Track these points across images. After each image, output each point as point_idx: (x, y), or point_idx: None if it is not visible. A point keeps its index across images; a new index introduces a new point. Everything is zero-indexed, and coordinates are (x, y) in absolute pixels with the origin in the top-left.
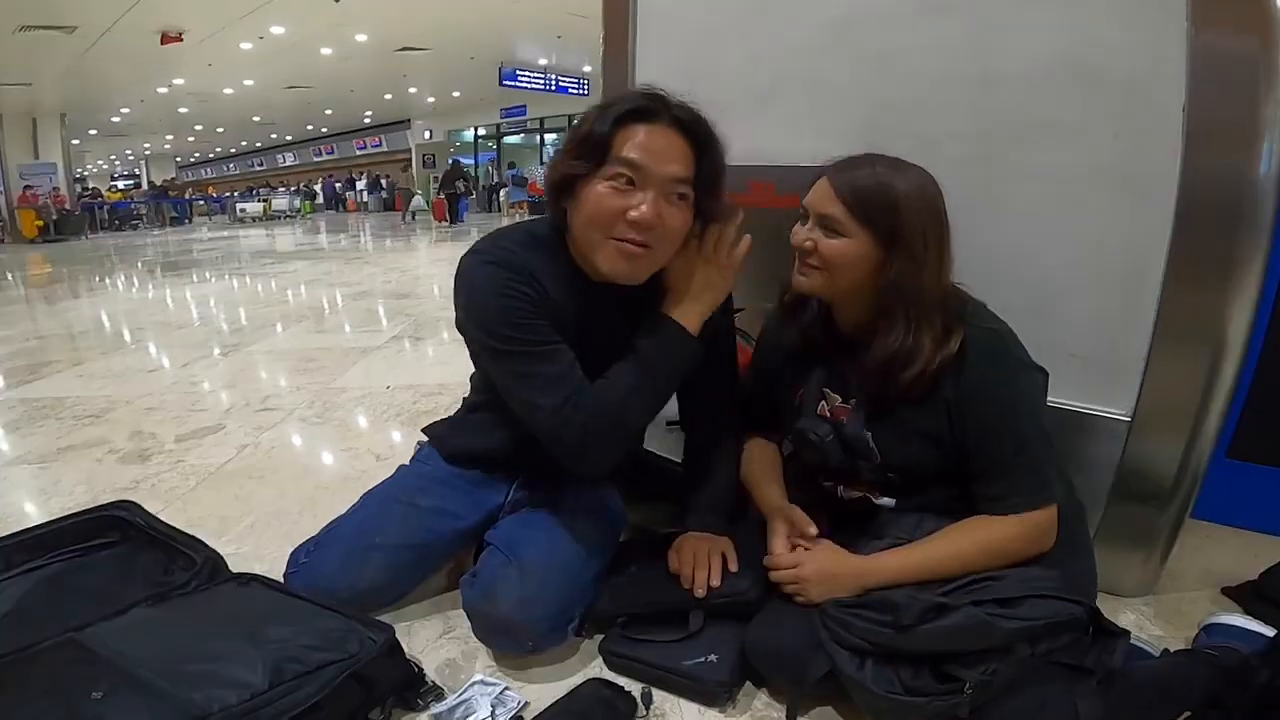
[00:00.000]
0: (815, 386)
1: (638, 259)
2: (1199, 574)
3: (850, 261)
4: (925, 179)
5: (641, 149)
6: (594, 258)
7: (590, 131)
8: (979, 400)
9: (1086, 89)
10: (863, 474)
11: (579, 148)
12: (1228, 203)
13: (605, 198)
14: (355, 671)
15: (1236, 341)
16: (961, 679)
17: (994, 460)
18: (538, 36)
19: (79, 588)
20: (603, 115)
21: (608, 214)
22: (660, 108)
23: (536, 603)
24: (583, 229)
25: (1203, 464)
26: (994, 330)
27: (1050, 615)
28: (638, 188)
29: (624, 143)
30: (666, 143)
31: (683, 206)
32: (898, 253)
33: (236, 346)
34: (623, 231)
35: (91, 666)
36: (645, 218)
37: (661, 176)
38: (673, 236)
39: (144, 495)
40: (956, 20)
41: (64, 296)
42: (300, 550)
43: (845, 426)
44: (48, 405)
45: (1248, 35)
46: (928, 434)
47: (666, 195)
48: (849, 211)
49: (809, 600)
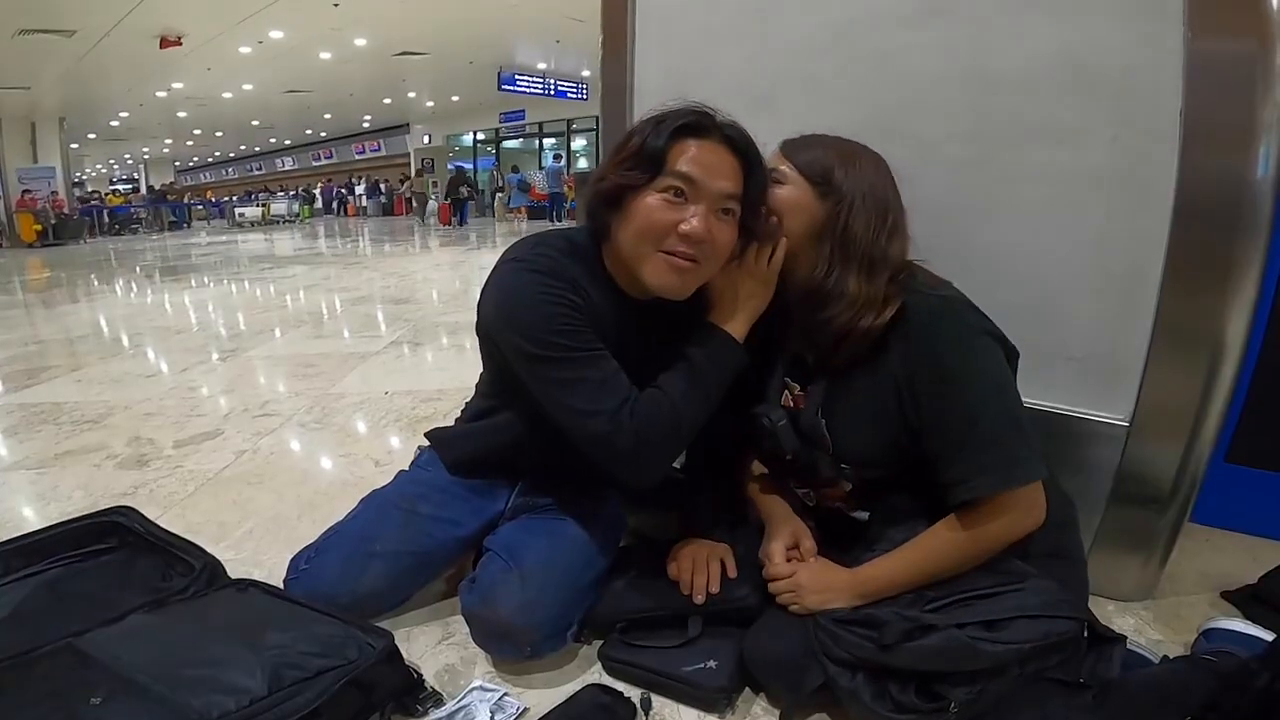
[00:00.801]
0: (778, 377)
1: (687, 273)
2: (1198, 578)
3: (789, 207)
4: (874, 154)
5: (696, 163)
6: (641, 270)
7: (644, 144)
8: (924, 366)
9: (1084, 91)
10: (820, 468)
11: (633, 159)
12: (1225, 205)
13: (657, 210)
14: (354, 678)
15: (1235, 345)
16: (948, 698)
17: (946, 437)
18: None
19: (77, 593)
20: (657, 129)
21: (660, 226)
22: (712, 124)
23: (536, 607)
24: (631, 241)
25: (1201, 468)
26: (941, 296)
27: (1039, 638)
28: (689, 201)
29: (678, 156)
30: (718, 159)
31: (730, 223)
32: (831, 197)
33: (235, 352)
34: (673, 245)
35: (90, 672)
36: (697, 231)
37: (713, 191)
38: (721, 252)
39: (142, 501)
40: (954, 22)
41: (62, 301)
42: (300, 556)
43: (801, 415)
44: (46, 410)
45: (1244, 38)
46: (875, 415)
47: (716, 211)
48: (789, 161)
49: (805, 609)
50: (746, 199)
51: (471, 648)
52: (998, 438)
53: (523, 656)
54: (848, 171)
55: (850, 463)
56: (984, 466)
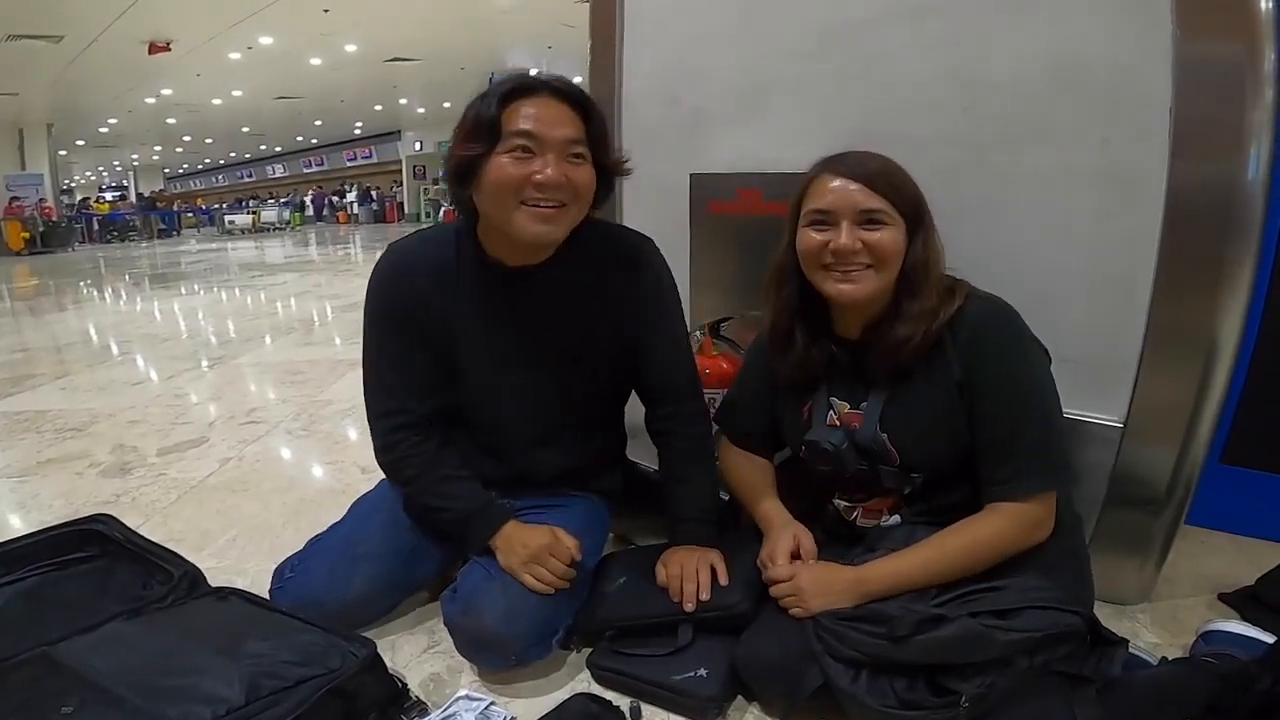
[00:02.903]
0: (822, 397)
1: (553, 218)
2: (1195, 580)
3: (899, 250)
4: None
5: (532, 119)
6: (511, 227)
7: (478, 116)
8: (985, 369)
9: (1075, 92)
10: (885, 480)
11: (471, 133)
12: (1216, 207)
13: (508, 167)
14: (335, 686)
15: (1228, 346)
16: (958, 692)
17: (999, 435)
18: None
19: (55, 602)
20: (486, 101)
21: (514, 180)
22: (537, 82)
23: (519, 615)
24: (493, 202)
25: (1196, 469)
26: (995, 302)
27: (1049, 626)
28: (537, 154)
29: (513, 117)
30: (553, 110)
31: (584, 164)
32: (920, 231)
33: (222, 359)
34: (531, 195)
35: (63, 681)
36: (551, 178)
37: (557, 139)
38: (582, 193)
39: (124, 509)
40: (944, 25)
41: (49, 309)
42: (285, 565)
43: (859, 432)
44: (29, 418)
45: (1234, 40)
46: (941, 421)
47: (565, 157)
48: (889, 200)
49: (807, 611)
50: (592, 140)
51: (458, 656)
52: (1048, 443)
53: (507, 666)
54: (918, 192)
55: (920, 470)
56: (1033, 469)
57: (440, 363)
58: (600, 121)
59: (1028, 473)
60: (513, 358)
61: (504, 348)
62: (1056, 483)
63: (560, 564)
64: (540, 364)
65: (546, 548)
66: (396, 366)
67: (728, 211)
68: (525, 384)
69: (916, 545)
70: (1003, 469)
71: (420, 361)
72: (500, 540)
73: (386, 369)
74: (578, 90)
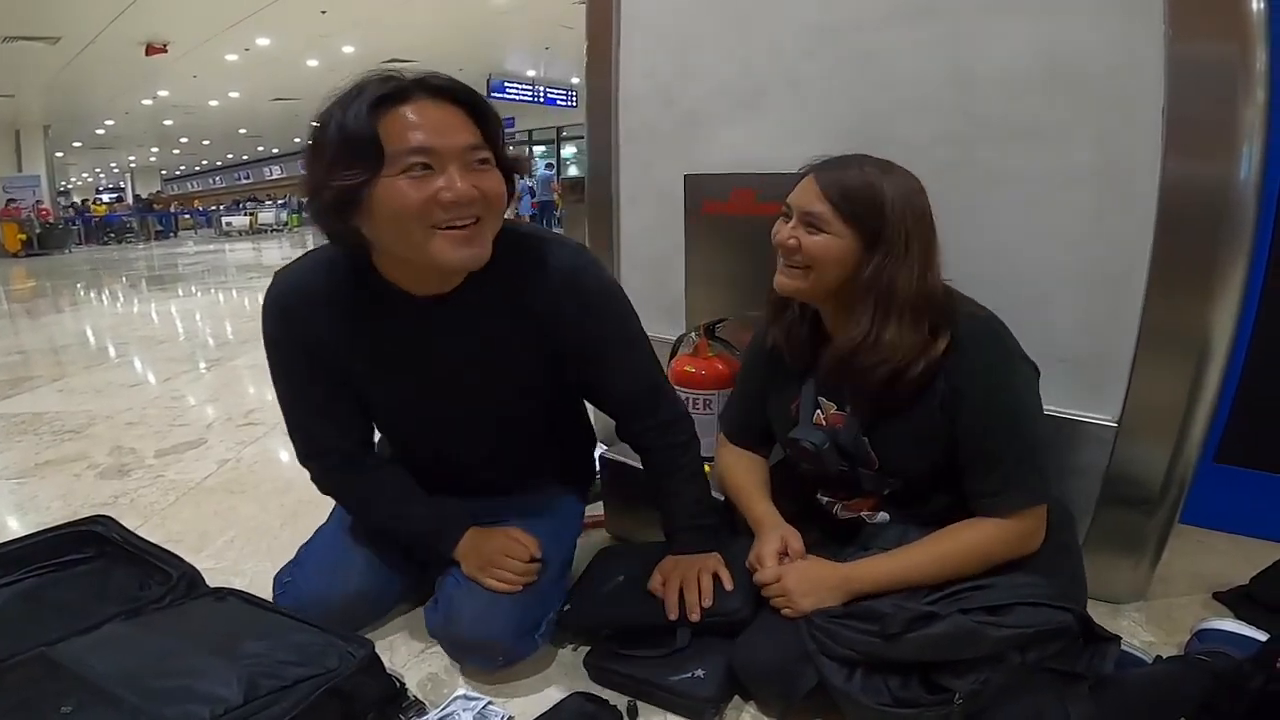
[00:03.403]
0: (810, 395)
1: (472, 239)
2: (1190, 579)
3: (834, 259)
4: (911, 181)
5: (422, 129)
6: (428, 256)
7: (346, 134)
8: (970, 388)
9: (1067, 92)
10: (864, 482)
11: (342, 156)
12: (1209, 206)
13: (407, 191)
14: (333, 686)
15: (1220, 345)
16: (952, 689)
17: (984, 453)
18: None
19: (53, 603)
20: (352, 114)
21: (417, 205)
22: (409, 84)
23: (492, 617)
24: (393, 232)
25: (1190, 468)
26: (982, 319)
27: (1041, 623)
28: (436, 170)
29: (397, 131)
30: (440, 115)
31: (490, 170)
32: (877, 252)
33: (220, 361)
34: (440, 217)
35: (61, 682)
36: (461, 194)
37: (455, 149)
38: (495, 202)
39: (122, 510)
40: (938, 24)
41: (46, 311)
42: (283, 572)
43: (841, 433)
44: (26, 420)
45: (1225, 39)
46: (924, 435)
47: (469, 166)
48: (834, 209)
49: (797, 610)
50: (491, 141)
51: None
52: (1033, 457)
53: (496, 666)
54: (891, 215)
55: (897, 476)
56: (1020, 484)
57: (353, 397)
58: (494, 118)
59: (1014, 488)
60: (433, 391)
61: (421, 383)
62: (1044, 497)
63: (519, 563)
64: (466, 395)
65: (501, 549)
66: (308, 406)
67: (722, 212)
68: (454, 416)
69: (907, 547)
70: (989, 483)
71: (333, 397)
72: (459, 552)
73: (299, 409)
74: (458, 85)
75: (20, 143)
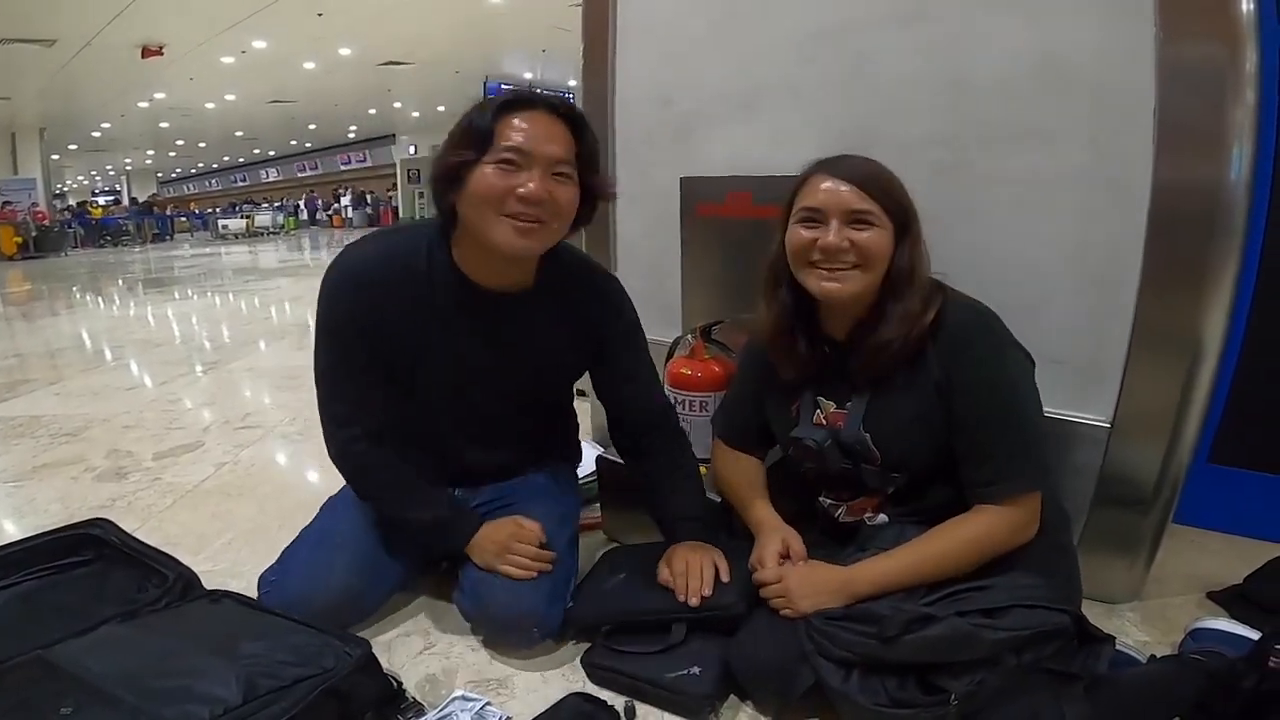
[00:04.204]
0: (809, 396)
1: (532, 233)
2: (1184, 579)
3: (883, 252)
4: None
5: (522, 133)
6: (489, 236)
7: (471, 124)
8: (964, 372)
9: (1060, 94)
10: (867, 479)
11: (462, 140)
12: (1200, 207)
13: (492, 177)
14: (331, 686)
15: (1213, 346)
16: (948, 690)
17: (979, 438)
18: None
19: (51, 605)
20: (483, 110)
21: (497, 192)
22: (534, 97)
23: (523, 589)
24: (474, 211)
25: (1183, 468)
26: (975, 308)
27: (1037, 625)
28: (522, 168)
29: (505, 130)
30: (544, 127)
31: (568, 184)
32: (907, 238)
33: (217, 364)
34: (513, 208)
35: (60, 683)
36: (534, 193)
37: (543, 156)
38: (564, 211)
39: (120, 513)
40: (931, 28)
41: (43, 314)
42: (268, 572)
43: (842, 431)
44: (24, 424)
45: (1215, 41)
46: (922, 422)
47: (549, 174)
48: (879, 203)
49: (797, 612)
50: (581, 160)
51: (453, 657)
52: (1029, 444)
53: (533, 642)
54: (907, 198)
55: (901, 470)
56: (1014, 471)
57: (392, 377)
58: (592, 143)
59: (1010, 475)
60: (475, 379)
61: (470, 371)
62: (1039, 484)
63: (531, 547)
64: (502, 386)
65: (513, 536)
66: (355, 381)
67: (717, 214)
68: (479, 402)
69: (904, 546)
70: (985, 471)
71: (376, 374)
72: (472, 545)
73: (344, 382)
74: (574, 110)
75: (16, 145)
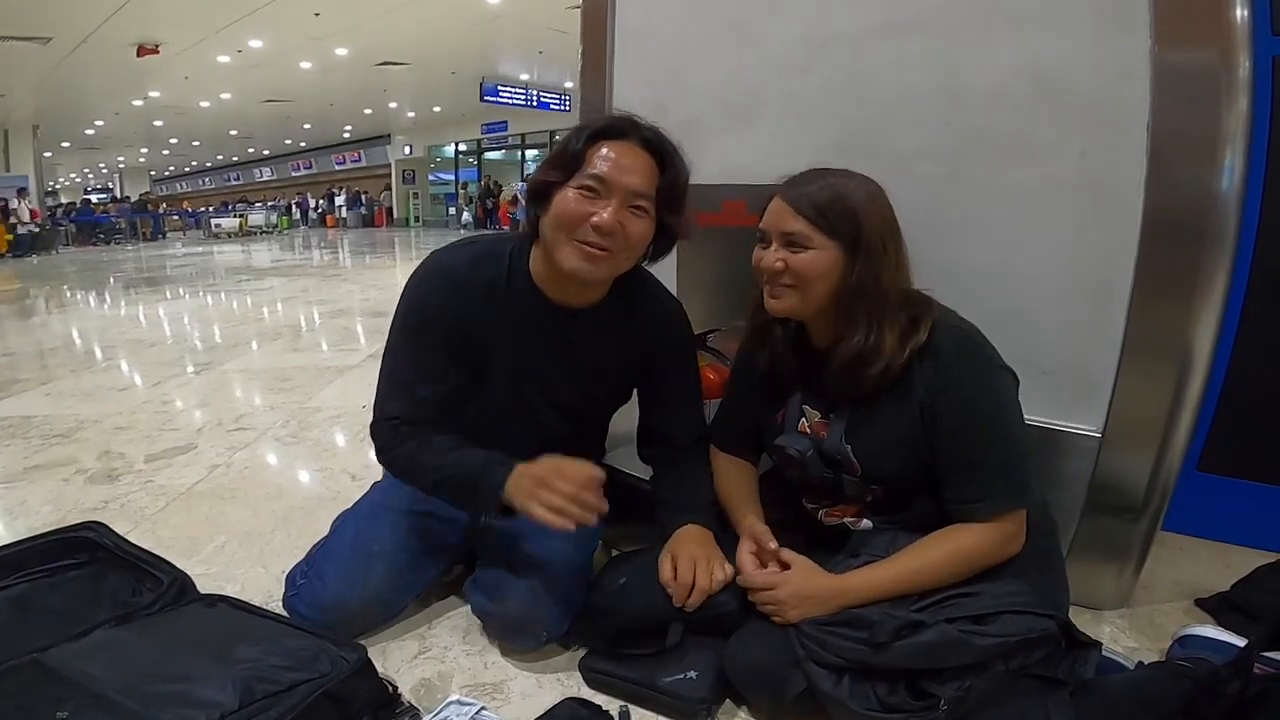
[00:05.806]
0: (795, 404)
1: (598, 260)
2: (1172, 586)
3: (821, 273)
4: (871, 184)
5: (607, 162)
6: (557, 255)
7: (566, 146)
8: (949, 395)
9: (1053, 106)
10: (846, 489)
11: (556, 160)
12: (1192, 217)
13: (571, 202)
14: (327, 691)
15: (1203, 356)
16: (937, 695)
17: (963, 459)
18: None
19: (45, 609)
20: (578, 133)
21: (572, 216)
22: (629, 128)
23: (543, 595)
24: (551, 229)
25: (1173, 477)
26: (963, 329)
27: (1024, 631)
28: (602, 197)
29: (593, 156)
30: (631, 159)
31: (644, 218)
32: (859, 257)
33: (209, 365)
34: (584, 234)
35: (56, 686)
36: (606, 223)
37: (623, 187)
38: (634, 244)
39: (112, 516)
40: (927, 39)
41: (34, 313)
42: (295, 571)
43: (825, 441)
44: (14, 425)
45: (1209, 51)
46: (904, 440)
47: (627, 206)
48: (812, 224)
49: (786, 621)
50: (662, 196)
51: (448, 661)
52: (1011, 463)
53: (539, 644)
54: (865, 217)
55: (878, 483)
56: (999, 489)
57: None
58: (676, 179)
59: (995, 493)
60: (537, 387)
61: (534, 378)
62: (1023, 502)
63: (567, 486)
64: (560, 396)
65: (554, 470)
66: (428, 379)
67: (713, 223)
68: (535, 407)
69: (895, 556)
70: (969, 490)
71: (449, 378)
72: (510, 484)
73: (416, 379)
74: (666, 143)
75: (8, 143)
